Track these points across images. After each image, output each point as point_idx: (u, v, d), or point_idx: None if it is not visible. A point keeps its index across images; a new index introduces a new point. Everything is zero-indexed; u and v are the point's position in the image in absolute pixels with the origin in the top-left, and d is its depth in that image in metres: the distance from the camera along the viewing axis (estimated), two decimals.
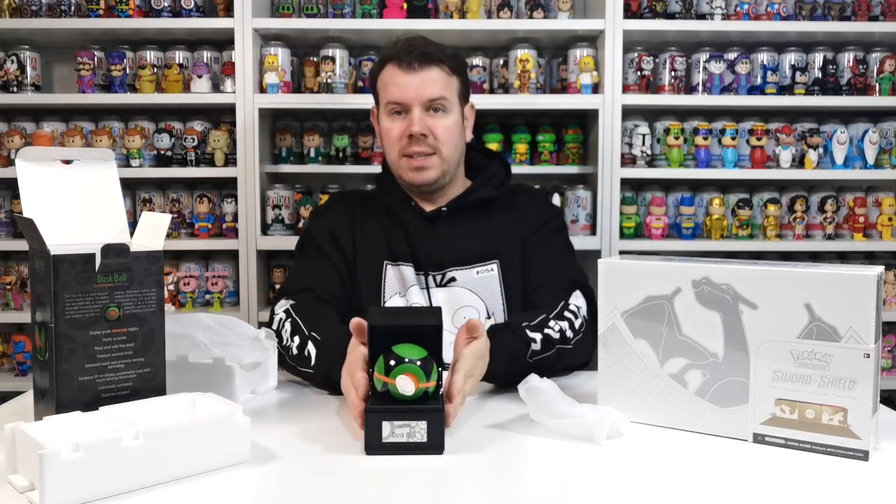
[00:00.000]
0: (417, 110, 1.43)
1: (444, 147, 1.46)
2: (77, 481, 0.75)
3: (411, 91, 1.43)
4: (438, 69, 1.45)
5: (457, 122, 1.48)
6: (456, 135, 1.48)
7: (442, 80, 1.45)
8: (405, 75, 1.44)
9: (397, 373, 0.89)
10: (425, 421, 0.90)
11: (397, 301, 1.47)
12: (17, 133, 2.39)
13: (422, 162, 1.45)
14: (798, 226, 2.45)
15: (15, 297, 2.45)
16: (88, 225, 0.98)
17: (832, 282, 0.89)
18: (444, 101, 1.45)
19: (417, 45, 1.45)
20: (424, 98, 1.43)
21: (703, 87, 2.42)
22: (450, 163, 1.48)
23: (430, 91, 1.43)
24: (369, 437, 0.90)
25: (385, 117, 1.49)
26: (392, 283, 1.47)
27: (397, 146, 1.47)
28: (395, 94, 1.45)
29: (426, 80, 1.44)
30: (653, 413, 1.02)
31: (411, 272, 1.47)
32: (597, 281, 1.06)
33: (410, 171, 1.47)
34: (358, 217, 1.54)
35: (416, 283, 1.46)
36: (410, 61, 1.43)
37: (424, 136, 1.44)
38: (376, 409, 0.90)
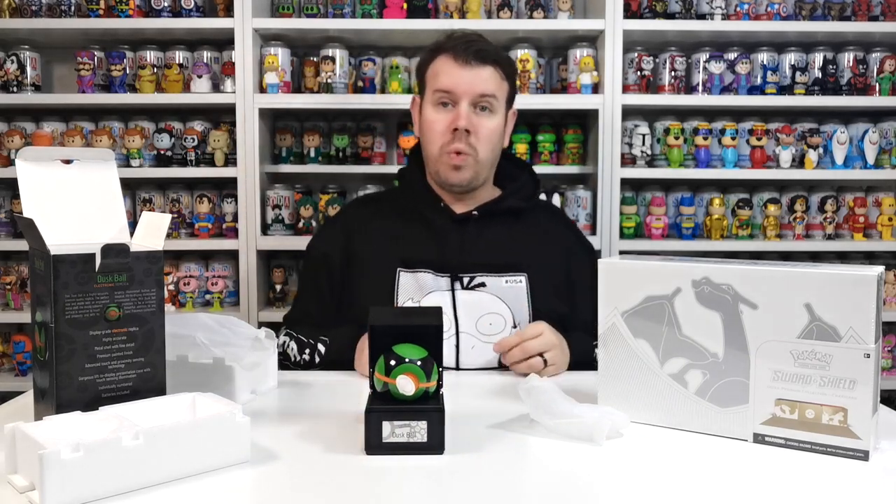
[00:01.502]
0: (465, 105, 1.43)
1: (483, 148, 1.45)
2: (77, 481, 0.75)
3: (463, 84, 1.42)
4: (493, 69, 1.44)
5: (500, 125, 1.48)
6: (496, 138, 1.48)
7: (495, 80, 1.45)
8: (459, 68, 1.43)
9: (397, 373, 0.89)
10: (425, 421, 0.90)
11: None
12: (17, 133, 2.39)
13: (460, 160, 1.44)
14: (798, 226, 2.45)
15: (15, 297, 2.45)
16: (88, 225, 0.98)
17: (832, 282, 0.89)
18: (494, 100, 1.44)
19: (476, 42, 1.45)
20: (476, 92, 1.42)
21: (703, 87, 2.42)
22: (484, 165, 1.48)
23: (482, 87, 1.43)
24: (369, 437, 0.90)
25: (430, 107, 1.47)
26: (406, 290, 1.44)
27: (440, 140, 1.45)
28: (445, 83, 1.43)
29: (479, 77, 1.43)
30: (653, 413, 1.02)
31: (430, 277, 1.44)
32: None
33: (448, 169, 1.46)
34: (362, 226, 1.53)
35: (436, 288, 1.44)
36: (467, 55, 1.42)
37: (468, 132, 1.43)
38: (376, 409, 0.90)
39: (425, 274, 1.44)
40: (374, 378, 0.92)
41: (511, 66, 1.51)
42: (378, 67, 2.46)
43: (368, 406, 0.90)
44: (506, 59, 1.49)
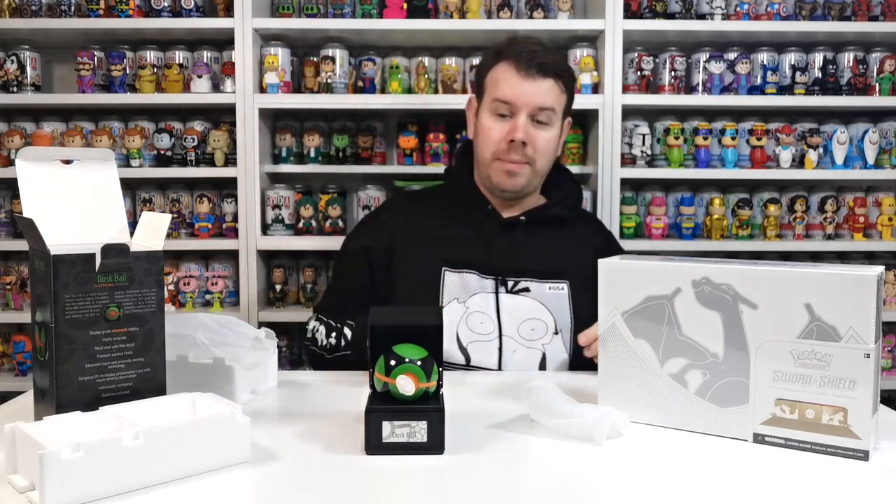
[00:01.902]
0: (523, 117, 1.43)
1: (540, 160, 1.46)
2: (77, 481, 0.75)
3: (524, 96, 1.42)
4: (554, 82, 1.44)
5: (556, 136, 1.49)
6: (552, 149, 1.49)
7: (554, 94, 1.45)
8: (521, 79, 1.42)
9: (397, 373, 0.89)
10: (426, 421, 0.90)
11: (455, 307, 1.45)
12: (17, 133, 2.39)
13: (515, 168, 1.45)
14: (798, 226, 2.45)
15: (15, 297, 2.45)
16: (88, 225, 0.98)
17: (832, 282, 0.89)
18: (552, 113, 1.45)
19: (539, 53, 1.44)
20: (535, 105, 1.42)
21: (703, 87, 2.42)
22: (539, 175, 1.49)
23: (542, 100, 1.43)
24: (369, 437, 0.90)
25: (487, 114, 1.47)
26: (451, 289, 1.45)
27: (494, 147, 1.46)
28: (505, 93, 1.43)
29: (540, 90, 1.43)
30: (653, 413, 1.02)
31: (475, 279, 1.45)
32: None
33: (501, 175, 1.46)
34: (410, 223, 1.52)
35: (481, 290, 1.44)
36: (529, 67, 1.42)
37: (524, 144, 1.43)
38: (376, 409, 0.90)
39: (470, 275, 1.45)
40: (374, 378, 0.92)
41: (571, 78, 1.50)
42: (378, 67, 2.46)
43: (368, 406, 0.90)
44: (567, 71, 1.48)
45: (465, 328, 1.44)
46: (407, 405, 0.90)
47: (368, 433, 0.90)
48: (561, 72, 1.46)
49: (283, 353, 2.46)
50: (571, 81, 1.50)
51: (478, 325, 1.43)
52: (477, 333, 1.43)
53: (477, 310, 1.44)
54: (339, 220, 2.41)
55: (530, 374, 1.37)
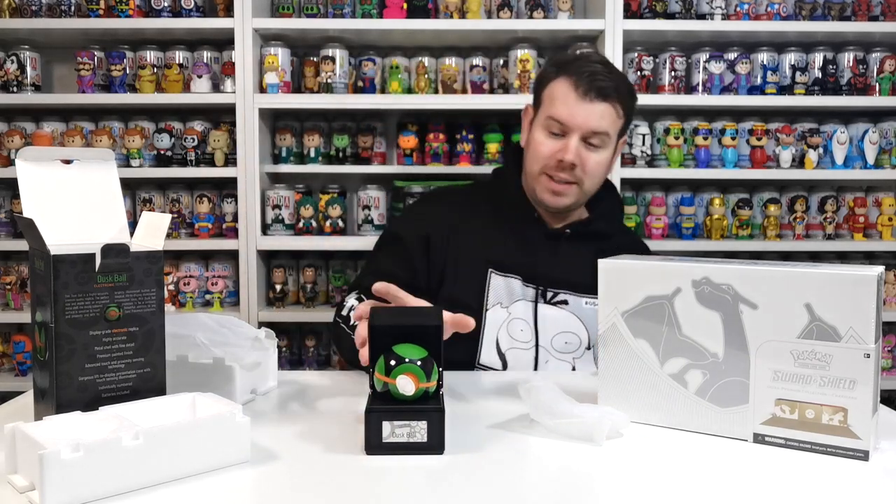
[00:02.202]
0: (575, 139, 1.40)
1: (588, 181, 1.44)
2: (77, 481, 0.75)
3: (578, 118, 1.39)
4: (612, 106, 1.41)
5: (607, 158, 1.45)
6: (602, 171, 1.46)
7: (611, 118, 1.41)
8: (578, 100, 1.39)
9: (397, 373, 0.89)
10: (425, 421, 0.89)
11: (499, 312, 1.44)
12: (17, 133, 2.39)
13: (561, 188, 1.43)
14: (798, 226, 2.45)
15: (15, 297, 2.46)
16: (88, 225, 0.98)
17: (832, 282, 0.89)
18: (605, 137, 1.41)
19: (600, 75, 1.40)
20: (588, 130, 1.40)
21: (703, 87, 2.42)
22: (587, 195, 1.47)
23: (596, 125, 1.39)
24: (369, 437, 0.90)
25: (540, 129, 1.44)
26: (497, 293, 1.44)
27: (543, 164, 1.43)
28: (560, 113, 1.40)
29: (595, 114, 1.39)
30: (653, 413, 1.02)
31: (518, 285, 1.44)
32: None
33: (546, 192, 1.45)
34: (459, 219, 1.50)
35: (523, 297, 1.44)
36: (588, 89, 1.38)
37: (574, 166, 1.41)
38: (376, 409, 0.90)
39: (515, 280, 1.44)
40: (374, 378, 0.92)
41: (632, 99, 1.46)
42: (378, 67, 2.46)
43: (368, 406, 0.90)
44: (626, 93, 1.44)
45: (506, 334, 1.43)
46: (407, 405, 0.90)
47: (368, 433, 0.90)
48: (621, 94, 1.41)
49: (283, 353, 2.46)
50: (632, 104, 1.47)
51: (517, 333, 1.43)
52: (515, 340, 1.43)
53: (518, 317, 1.43)
54: (339, 220, 2.41)
55: (530, 374, 1.38)
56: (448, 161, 2.46)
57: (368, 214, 2.44)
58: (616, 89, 1.40)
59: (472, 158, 2.45)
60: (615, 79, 1.42)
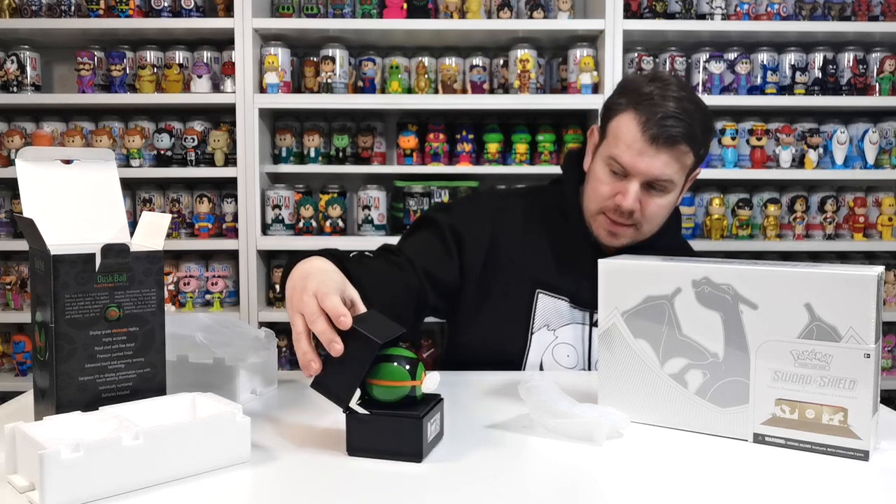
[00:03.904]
0: (636, 185, 1.28)
1: (647, 224, 1.34)
2: (77, 481, 0.75)
3: (641, 165, 1.27)
4: (677, 152, 1.27)
5: (673, 201, 1.34)
6: (665, 213, 1.35)
7: (677, 164, 1.28)
8: (643, 144, 1.26)
9: (421, 372, 0.89)
10: (439, 412, 0.92)
11: (545, 335, 1.36)
12: (17, 133, 2.39)
13: (619, 230, 1.33)
14: (798, 226, 2.45)
15: (15, 297, 2.46)
16: (88, 225, 0.98)
17: (832, 282, 0.89)
18: (669, 183, 1.30)
19: (670, 120, 1.25)
20: (649, 176, 1.28)
21: (703, 87, 2.42)
22: (645, 236, 1.36)
23: (658, 173, 1.27)
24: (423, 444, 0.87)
25: (602, 164, 1.33)
26: (544, 315, 1.37)
27: (601, 203, 1.33)
28: (623, 158, 1.28)
29: (660, 161, 1.27)
30: (653, 413, 1.01)
31: (566, 307, 1.37)
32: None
33: (602, 231, 1.35)
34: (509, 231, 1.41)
35: (572, 321, 1.37)
36: (656, 136, 1.25)
37: (633, 212, 1.31)
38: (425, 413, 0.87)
39: (563, 302, 1.37)
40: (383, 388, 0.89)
41: (706, 136, 1.32)
42: (378, 67, 2.46)
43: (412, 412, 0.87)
44: (701, 132, 1.29)
45: (551, 357, 1.37)
46: (427, 403, 0.90)
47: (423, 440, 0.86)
48: (691, 139, 1.27)
49: (283, 353, 2.46)
50: (706, 138, 1.33)
51: (563, 357, 1.37)
52: (560, 365, 1.37)
53: (565, 341, 1.37)
54: (339, 220, 2.41)
55: (530, 374, 1.37)
56: (448, 161, 2.46)
57: (368, 214, 2.44)
58: (687, 132, 1.26)
59: (472, 158, 2.45)
60: (690, 117, 1.27)
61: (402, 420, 0.87)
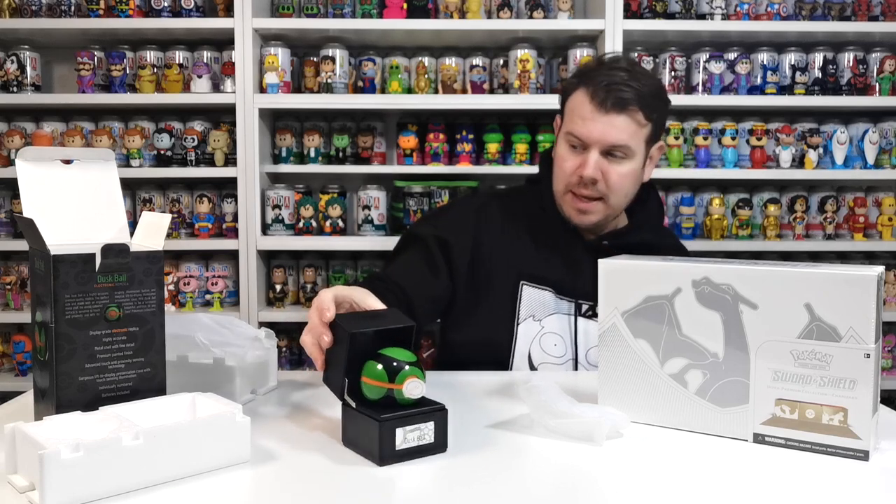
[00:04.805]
0: (595, 153, 1.33)
1: (614, 195, 1.37)
2: (77, 481, 0.75)
3: (594, 133, 1.32)
4: (630, 116, 1.32)
5: (635, 169, 1.37)
6: (630, 182, 1.38)
7: (631, 129, 1.33)
8: (594, 113, 1.32)
9: (403, 377, 0.88)
10: (433, 422, 0.89)
11: (531, 325, 1.40)
12: (17, 133, 2.39)
13: (586, 205, 1.37)
14: (798, 226, 2.45)
15: (15, 297, 2.46)
16: (88, 225, 0.98)
17: (832, 282, 0.89)
18: (626, 149, 1.34)
19: (616, 85, 1.31)
20: (606, 144, 1.33)
21: (703, 87, 2.42)
22: (615, 209, 1.40)
23: (613, 138, 1.32)
24: (383, 448, 0.86)
25: (563, 143, 1.39)
26: (529, 305, 1.40)
27: (566, 180, 1.38)
28: (578, 128, 1.34)
29: (613, 126, 1.32)
30: (653, 413, 1.02)
31: (551, 297, 1.40)
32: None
33: (572, 210, 1.39)
34: (491, 228, 1.45)
35: (557, 310, 1.40)
36: (604, 101, 1.31)
37: (595, 181, 1.35)
38: (390, 418, 0.86)
39: (548, 293, 1.40)
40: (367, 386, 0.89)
41: (658, 102, 1.37)
42: (378, 67, 2.46)
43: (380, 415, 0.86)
44: (652, 98, 1.34)
45: (538, 348, 1.40)
46: (411, 409, 0.89)
47: (382, 444, 0.86)
48: (641, 103, 1.32)
49: (283, 353, 2.46)
50: (657, 107, 1.37)
51: (551, 347, 1.40)
52: (549, 355, 1.39)
53: (552, 331, 1.39)
54: (339, 220, 2.41)
55: (530, 374, 1.37)
56: (448, 161, 2.46)
57: (368, 214, 2.44)
58: (638, 97, 1.32)
59: (472, 158, 2.45)
60: (638, 85, 1.33)
61: (367, 419, 0.88)
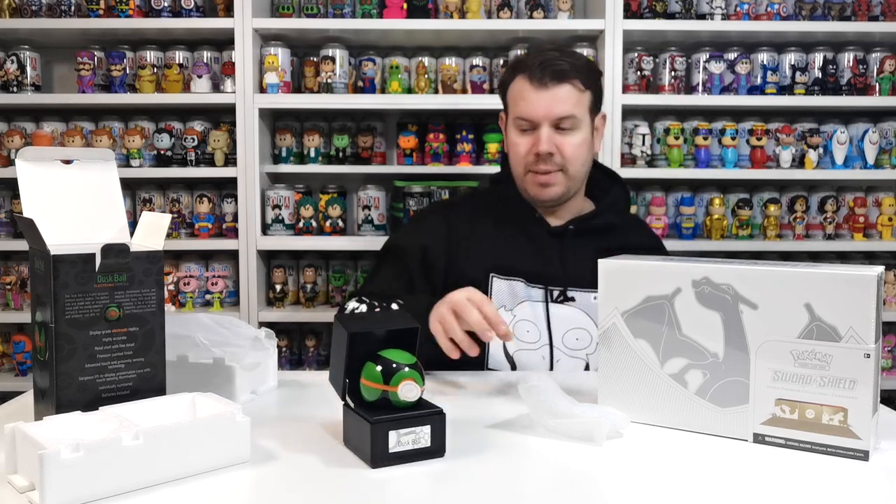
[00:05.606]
0: (546, 128, 1.40)
1: (572, 165, 1.43)
2: (77, 481, 0.75)
3: (540, 109, 1.40)
4: (570, 86, 1.40)
5: (586, 138, 1.44)
6: (584, 152, 1.45)
7: (573, 98, 1.41)
8: (535, 91, 1.40)
9: (399, 379, 0.87)
10: (429, 425, 0.88)
11: (503, 315, 1.41)
12: (17, 133, 2.39)
13: (547, 178, 1.43)
14: (798, 226, 2.45)
15: (15, 297, 2.46)
16: (88, 225, 0.98)
17: (832, 282, 0.89)
18: (574, 119, 1.41)
19: (550, 61, 1.40)
20: (553, 117, 1.40)
21: (703, 87, 2.42)
22: (576, 179, 1.46)
23: (559, 110, 1.40)
24: (376, 450, 0.86)
25: (513, 130, 1.46)
26: (499, 297, 1.44)
27: (524, 162, 1.45)
28: (524, 110, 1.42)
29: (556, 99, 1.39)
30: (653, 413, 1.02)
31: (522, 287, 1.44)
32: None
33: (536, 187, 1.45)
34: (461, 227, 1.50)
35: (528, 298, 1.44)
36: (542, 77, 1.39)
37: (551, 154, 1.41)
38: (383, 420, 0.86)
39: (518, 283, 1.44)
40: (364, 387, 0.90)
41: (591, 72, 1.45)
42: (378, 67, 2.46)
43: (374, 418, 0.86)
44: (585, 69, 1.43)
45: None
46: (407, 412, 0.88)
47: (375, 446, 0.86)
48: (579, 71, 1.41)
49: (283, 353, 2.46)
50: (593, 77, 1.45)
51: (524, 334, 1.43)
52: (523, 342, 1.43)
53: (524, 318, 1.43)
54: (339, 220, 2.41)
55: (529, 374, 1.37)
56: (448, 161, 2.46)
57: (368, 214, 2.44)
58: (572, 67, 1.40)
59: (472, 158, 2.45)
60: (569, 59, 1.41)
61: (362, 421, 0.88)
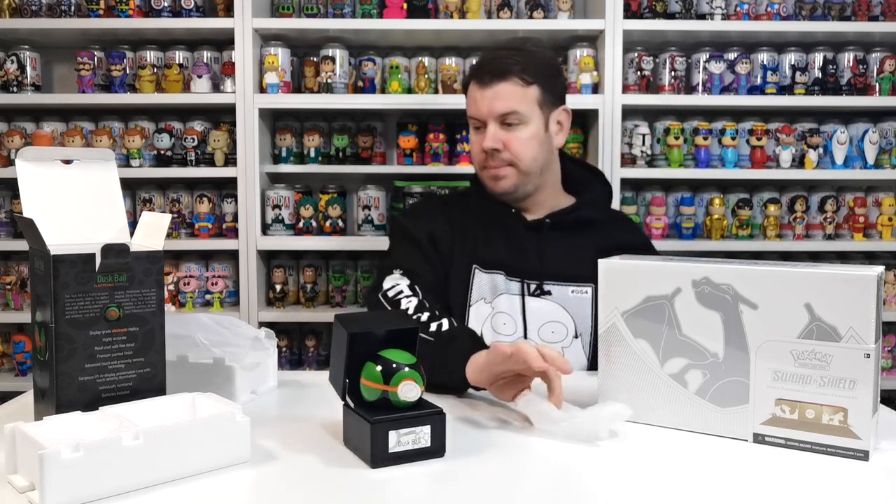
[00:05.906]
0: (492, 125, 1.44)
1: (521, 160, 1.45)
2: (77, 481, 0.75)
3: (483, 107, 1.44)
4: (511, 83, 1.42)
5: (536, 133, 1.45)
6: (534, 146, 1.46)
7: (515, 94, 1.43)
8: (480, 90, 1.44)
9: (399, 379, 0.87)
10: (429, 425, 0.88)
11: (482, 307, 1.47)
12: (17, 133, 2.39)
13: (496, 171, 1.46)
14: (798, 226, 2.45)
15: (15, 297, 2.45)
16: (88, 225, 0.98)
17: (832, 282, 0.89)
18: (517, 114, 1.43)
19: (493, 60, 1.45)
20: (496, 113, 1.43)
21: (703, 87, 2.42)
22: (530, 173, 1.47)
23: (499, 106, 1.43)
24: (376, 450, 0.86)
25: (471, 131, 1.51)
26: (480, 289, 1.47)
27: (478, 159, 1.50)
28: (471, 109, 1.47)
29: (497, 96, 1.43)
30: (653, 413, 1.02)
31: (502, 280, 1.47)
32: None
33: (490, 181, 1.49)
34: (456, 221, 1.53)
35: (507, 291, 1.46)
36: (483, 76, 1.44)
37: (498, 150, 1.44)
38: (383, 420, 0.86)
39: (498, 276, 1.47)
40: (364, 387, 0.89)
41: (541, 68, 1.46)
42: (378, 67, 2.46)
43: (373, 418, 0.86)
44: (532, 64, 1.45)
45: (490, 329, 1.46)
46: (408, 412, 0.88)
47: (374, 446, 0.86)
48: (523, 67, 1.42)
49: (283, 353, 2.46)
50: (542, 70, 1.45)
51: (501, 326, 1.45)
52: (500, 334, 1.45)
53: (502, 311, 1.46)
54: (339, 220, 2.41)
55: None
56: (448, 161, 2.46)
57: (368, 214, 2.44)
58: (516, 63, 1.42)
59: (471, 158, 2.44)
60: (517, 57, 1.44)
61: (361, 421, 0.88)
